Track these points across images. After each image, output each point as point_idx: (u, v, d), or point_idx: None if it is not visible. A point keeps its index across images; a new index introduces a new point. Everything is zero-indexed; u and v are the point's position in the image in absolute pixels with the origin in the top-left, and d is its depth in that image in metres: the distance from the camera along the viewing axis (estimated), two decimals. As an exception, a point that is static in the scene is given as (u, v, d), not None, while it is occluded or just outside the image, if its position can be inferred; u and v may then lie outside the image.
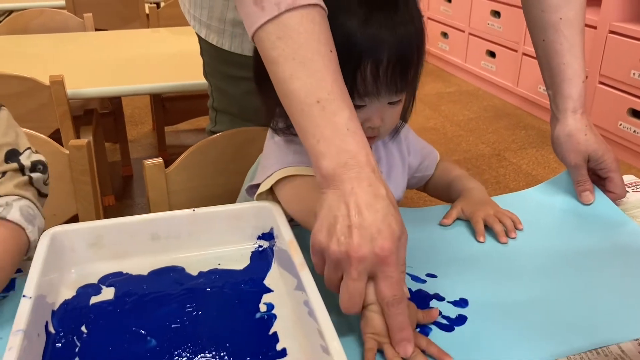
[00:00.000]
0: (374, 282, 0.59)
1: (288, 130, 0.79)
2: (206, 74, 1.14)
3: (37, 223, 0.73)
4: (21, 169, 0.75)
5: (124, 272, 0.71)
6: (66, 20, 2.28)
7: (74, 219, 1.05)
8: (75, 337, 0.60)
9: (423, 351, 0.59)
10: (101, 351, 0.59)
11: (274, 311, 0.65)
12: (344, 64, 0.68)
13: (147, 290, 0.68)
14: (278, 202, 0.77)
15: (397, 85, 0.73)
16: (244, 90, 1.05)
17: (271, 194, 0.78)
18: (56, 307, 0.64)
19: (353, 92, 0.72)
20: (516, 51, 3.35)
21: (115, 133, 2.24)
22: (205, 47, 1.09)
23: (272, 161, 0.79)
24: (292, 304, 0.66)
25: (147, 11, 2.70)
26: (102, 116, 2.06)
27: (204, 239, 0.74)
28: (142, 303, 0.66)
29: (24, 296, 0.58)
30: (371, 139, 0.80)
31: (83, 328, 0.62)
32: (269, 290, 0.69)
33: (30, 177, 0.75)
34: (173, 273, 0.71)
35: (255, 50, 0.72)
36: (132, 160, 2.42)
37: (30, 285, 0.60)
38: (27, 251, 0.71)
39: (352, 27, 0.70)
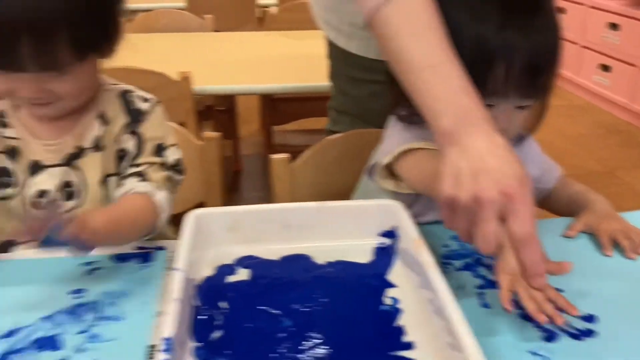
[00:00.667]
0: (505, 223, 0.59)
1: (410, 118, 0.84)
2: (331, 76, 1.18)
3: (168, 212, 0.79)
4: (164, 164, 0.82)
5: (257, 255, 0.76)
6: (188, 20, 2.42)
7: (198, 207, 1.12)
8: (216, 312, 0.66)
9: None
10: (240, 327, 0.63)
11: (398, 305, 0.67)
12: (476, 62, 0.71)
13: (278, 275, 0.73)
14: (396, 179, 0.82)
15: (526, 89, 0.76)
16: (367, 93, 1.09)
17: (390, 174, 0.83)
18: (198, 282, 0.70)
19: (483, 91, 0.73)
20: (634, 65, 3.18)
21: (228, 130, 2.34)
22: (333, 50, 1.13)
23: (392, 142, 0.83)
24: (417, 300, 0.68)
25: (259, 14, 2.82)
26: (217, 113, 2.17)
27: (330, 231, 0.78)
28: (275, 286, 0.71)
29: (175, 269, 0.64)
30: None
31: (224, 304, 0.67)
32: (392, 286, 0.71)
33: (170, 176, 0.82)
34: (302, 260, 0.75)
35: None
36: (242, 157, 2.53)
37: (180, 260, 0.66)
38: (149, 232, 0.78)
39: (488, 29, 0.74)
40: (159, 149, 0.82)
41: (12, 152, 0.79)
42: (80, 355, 0.59)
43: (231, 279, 0.72)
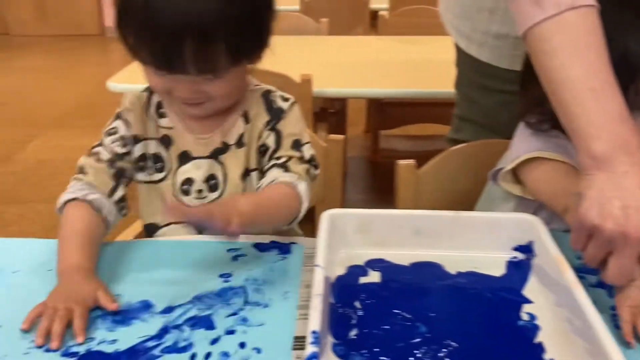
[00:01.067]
0: None
1: (539, 125, 0.84)
2: (458, 83, 1.18)
3: (308, 204, 0.82)
4: (302, 158, 0.85)
5: (387, 259, 0.77)
6: (305, 24, 2.48)
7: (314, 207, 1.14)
8: (351, 311, 0.67)
9: None
10: (376, 327, 0.64)
11: (536, 322, 0.66)
12: (619, 74, 0.70)
13: (409, 280, 0.73)
14: (519, 183, 0.83)
15: None
16: (496, 102, 1.08)
17: (512, 177, 0.84)
18: (331, 280, 0.72)
19: None
20: None
21: (338, 132, 2.37)
22: (463, 58, 1.12)
23: (519, 148, 0.84)
24: (554, 318, 0.66)
25: (370, 18, 2.84)
26: (329, 115, 2.21)
27: (462, 241, 0.77)
28: (406, 291, 0.71)
29: (317, 265, 0.66)
30: None
31: (357, 304, 0.68)
32: (528, 301, 0.69)
33: (309, 169, 0.85)
34: (432, 268, 0.75)
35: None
36: (346, 159, 2.56)
37: (321, 257, 0.68)
38: (292, 219, 0.80)
39: (632, 41, 0.73)
40: (297, 144, 0.85)
41: (166, 141, 0.86)
42: (230, 337, 0.63)
43: (363, 280, 0.73)
